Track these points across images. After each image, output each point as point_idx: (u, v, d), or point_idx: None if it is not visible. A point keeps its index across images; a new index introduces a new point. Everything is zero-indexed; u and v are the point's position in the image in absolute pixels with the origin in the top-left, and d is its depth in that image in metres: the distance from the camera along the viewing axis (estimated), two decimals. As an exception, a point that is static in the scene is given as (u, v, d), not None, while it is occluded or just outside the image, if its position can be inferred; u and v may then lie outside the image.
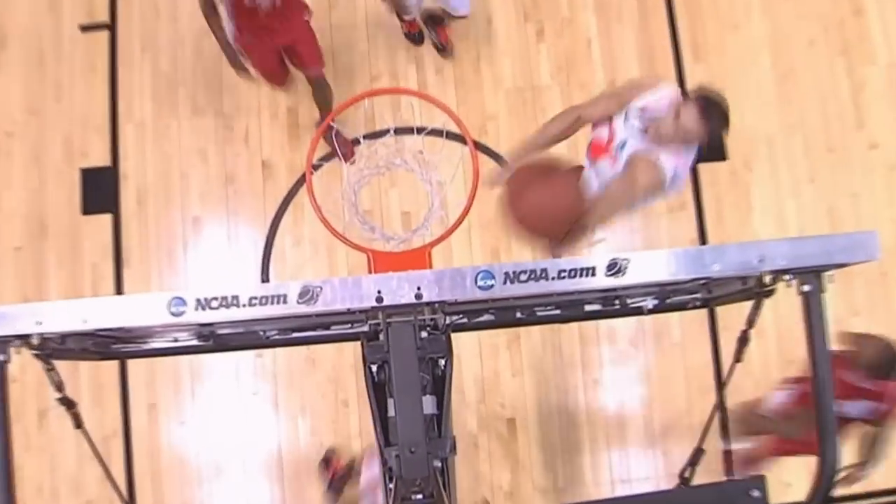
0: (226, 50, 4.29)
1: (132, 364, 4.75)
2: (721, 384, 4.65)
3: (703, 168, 5.09)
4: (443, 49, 5.19)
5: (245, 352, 4.49)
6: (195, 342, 2.48)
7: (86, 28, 5.21)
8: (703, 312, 4.79)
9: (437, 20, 5.16)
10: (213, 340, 2.47)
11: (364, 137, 3.65)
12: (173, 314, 1.92)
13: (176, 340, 2.48)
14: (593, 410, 4.80)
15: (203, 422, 4.80)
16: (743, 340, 2.37)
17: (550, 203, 3.23)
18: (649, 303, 2.52)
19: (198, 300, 1.92)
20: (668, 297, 2.53)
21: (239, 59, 4.33)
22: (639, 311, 2.56)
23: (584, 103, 3.37)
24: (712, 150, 5.09)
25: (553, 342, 4.79)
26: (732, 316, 2.50)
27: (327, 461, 4.53)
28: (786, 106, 5.21)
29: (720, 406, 4.37)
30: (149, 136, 5.11)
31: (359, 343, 2.15)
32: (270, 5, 4.10)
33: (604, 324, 4.77)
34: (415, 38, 5.20)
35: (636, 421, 4.80)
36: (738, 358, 2.41)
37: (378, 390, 2.08)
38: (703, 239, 4.96)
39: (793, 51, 5.29)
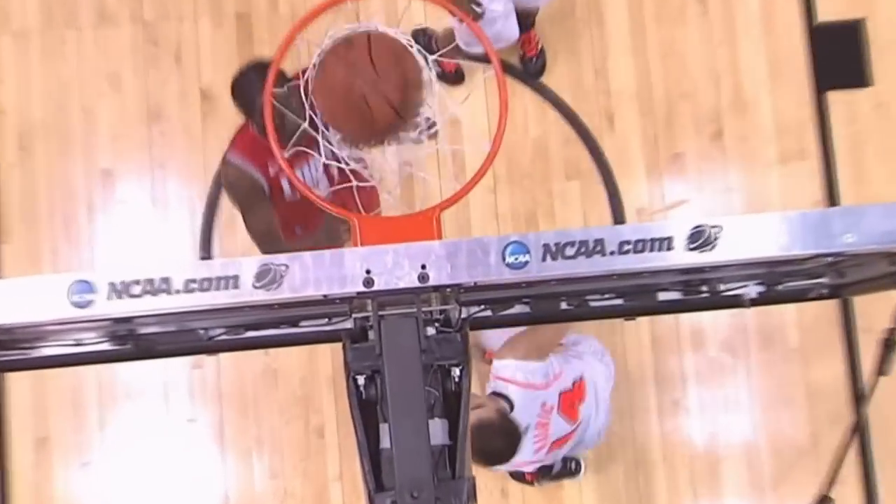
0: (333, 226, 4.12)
1: (14, 380, 4.81)
2: (859, 406, 4.66)
3: (835, 99, 5.07)
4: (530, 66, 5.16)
5: (178, 360, 4.57)
6: (106, 346, 2.51)
7: None
8: (833, 306, 4.80)
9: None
10: (132, 343, 2.50)
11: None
12: (76, 305, 1.94)
13: (79, 344, 2.50)
14: (672, 444, 4.83)
15: (116, 462, 4.86)
16: (889, 345, 2.38)
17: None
18: (752, 290, 2.53)
19: (111, 285, 1.94)
20: (779, 283, 2.54)
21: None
22: (737, 303, 2.57)
23: None
24: (848, 72, 5.07)
25: (614, 346, 4.80)
26: (877, 311, 2.50)
27: None
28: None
29: (858, 435, 4.39)
30: (35, 52, 5.13)
31: (339, 345, 2.17)
32: (327, 184, 4.00)
33: (686, 321, 4.79)
34: (451, 77, 5.03)
35: (735, 458, 4.84)
36: (881, 370, 2.42)
37: (366, 412, 2.09)
38: (832, 199, 4.96)
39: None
